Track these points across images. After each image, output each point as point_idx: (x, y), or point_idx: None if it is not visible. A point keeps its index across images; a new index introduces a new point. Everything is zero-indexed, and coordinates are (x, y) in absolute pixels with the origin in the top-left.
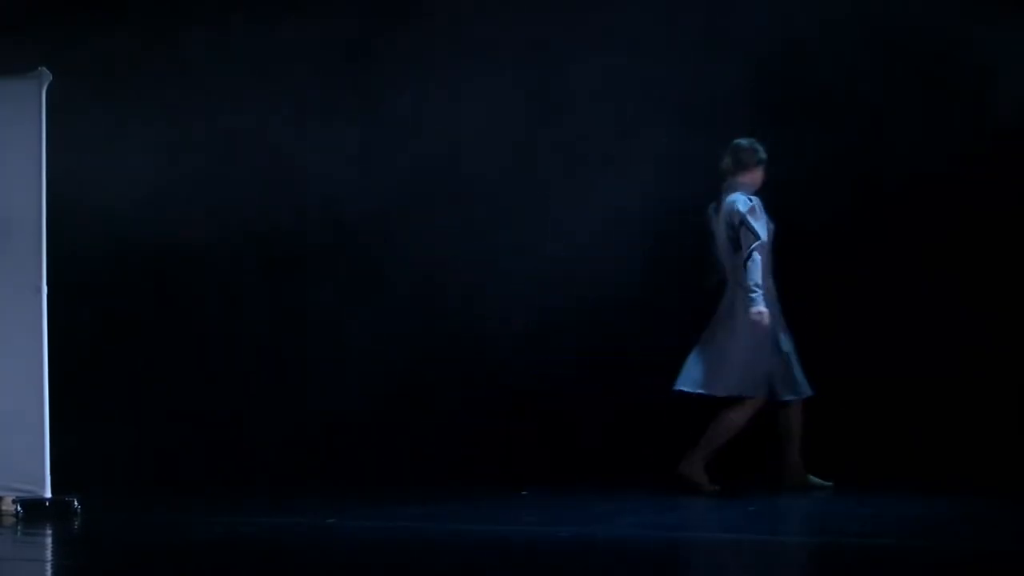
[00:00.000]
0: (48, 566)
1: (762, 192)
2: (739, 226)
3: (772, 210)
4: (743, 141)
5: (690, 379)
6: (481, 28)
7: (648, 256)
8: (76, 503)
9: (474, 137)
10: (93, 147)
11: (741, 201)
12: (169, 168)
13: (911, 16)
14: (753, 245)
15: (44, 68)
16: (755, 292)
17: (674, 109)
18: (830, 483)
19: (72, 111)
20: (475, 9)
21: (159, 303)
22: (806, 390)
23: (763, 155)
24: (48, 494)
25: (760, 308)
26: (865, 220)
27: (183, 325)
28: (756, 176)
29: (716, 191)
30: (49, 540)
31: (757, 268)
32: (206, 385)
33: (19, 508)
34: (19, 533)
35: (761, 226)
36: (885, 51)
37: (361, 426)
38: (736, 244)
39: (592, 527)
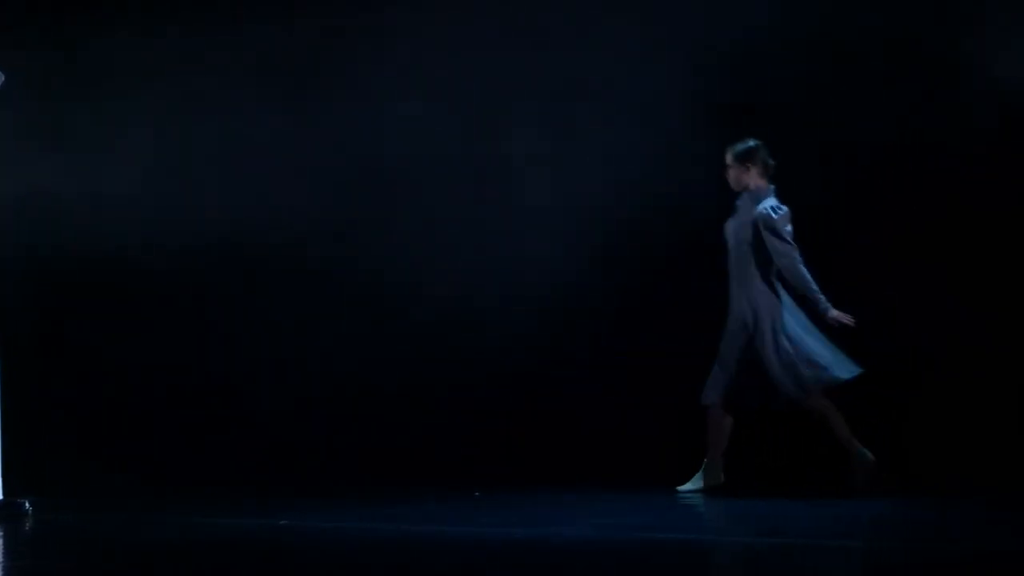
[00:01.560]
0: None
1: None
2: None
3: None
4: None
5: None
6: (436, 33)
7: (622, 256)
8: (27, 505)
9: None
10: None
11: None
12: (119, 173)
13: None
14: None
15: None
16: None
17: (630, 109)
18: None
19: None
20: (434, 9)
21: (115, 303)
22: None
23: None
24: None
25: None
26: (824, 219)
27: (142, 325)
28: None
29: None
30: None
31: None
32: (167, 386)
33: None
34: None
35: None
36: (836, 50)
37: (335, 427)
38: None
39: (549, 528)
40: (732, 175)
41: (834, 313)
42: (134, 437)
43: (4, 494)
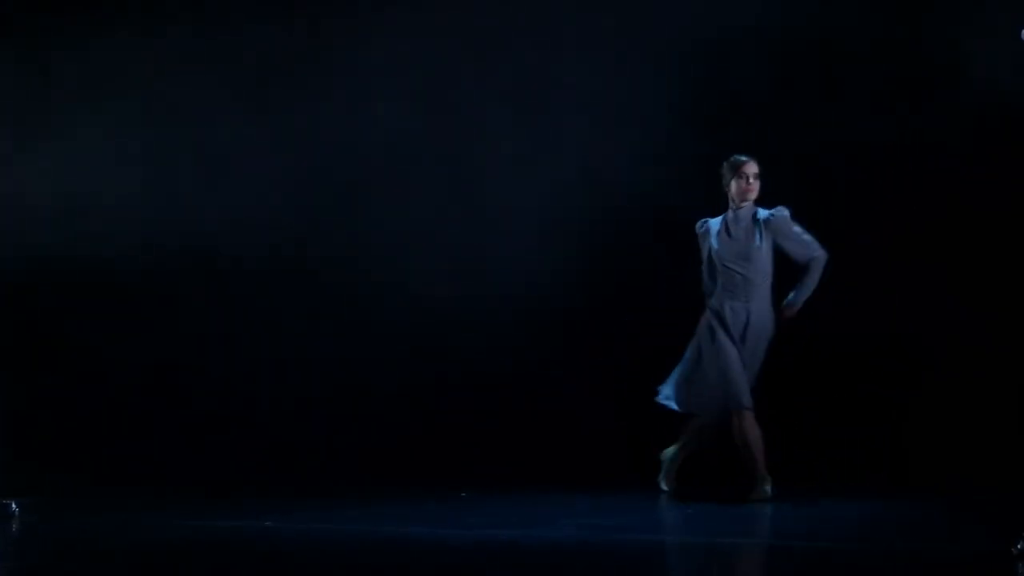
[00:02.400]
0: None
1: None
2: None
3: (697, 214)
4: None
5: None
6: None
7: (601, 255)
8: (14, 506)
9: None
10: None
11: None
12: (84, 175)
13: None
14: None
15: None
16: None
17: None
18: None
19: None
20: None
21: (111, 303)
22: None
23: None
24: None
25: None
26: (824, 219)
27: (142, 325)
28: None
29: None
30: None
31: None
32: (146, 388)
33: None
34: None
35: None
36: (829, 49)
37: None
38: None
39: (531, 529)
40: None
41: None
42: (134, 437)
43: None
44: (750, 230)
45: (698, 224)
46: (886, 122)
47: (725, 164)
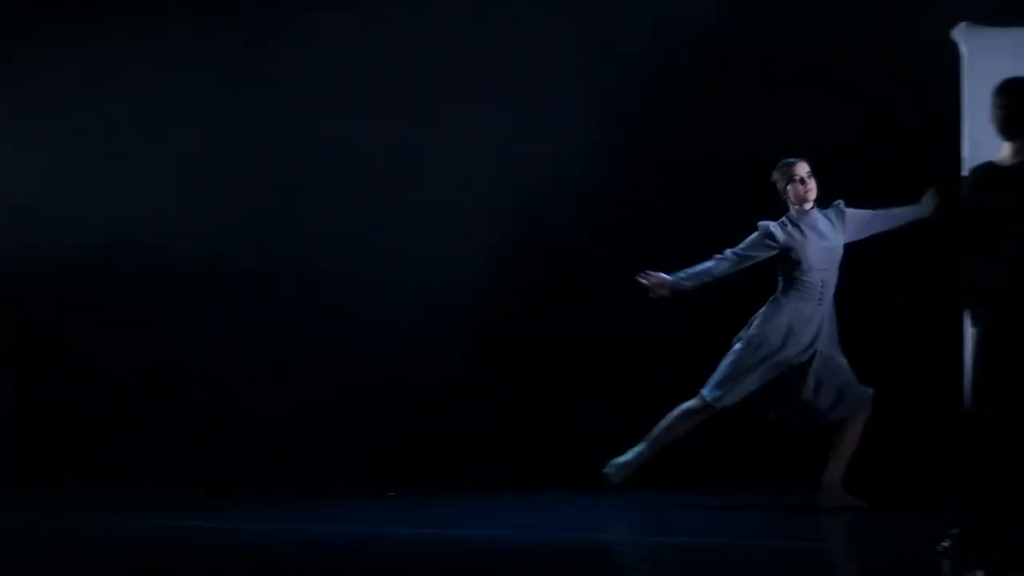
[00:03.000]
0: None
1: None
2: None
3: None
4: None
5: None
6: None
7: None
8: None
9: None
10: None
11: None
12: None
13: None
14: None
15: None
16: None
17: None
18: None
19: None
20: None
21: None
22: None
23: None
24: None
25: None
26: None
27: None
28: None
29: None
30: None
31: None
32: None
33: None
34: None
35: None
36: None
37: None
38: None
39: (462, 528)
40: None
41: None
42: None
43: None
44: (831, 230)
45: (767, 228)
46: (819, 118)
47: (775, 171)
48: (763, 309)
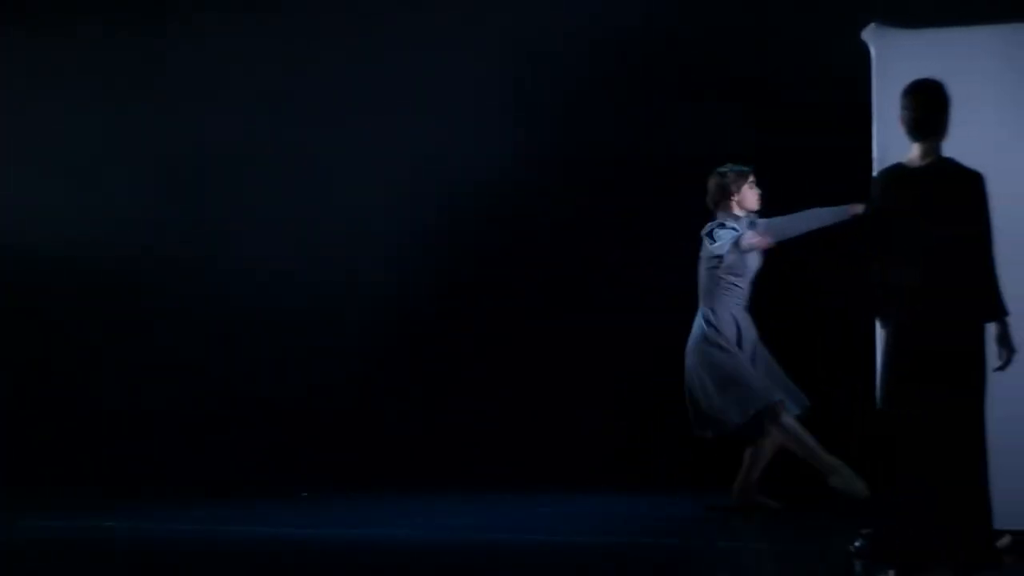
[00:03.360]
0: None
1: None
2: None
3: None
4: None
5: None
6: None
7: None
8: None
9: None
10: None
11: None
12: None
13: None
14: None
15: None
16: None
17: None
18: None
19: None
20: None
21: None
22: None
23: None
24: None
25: None
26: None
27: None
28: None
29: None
30: None
31: None
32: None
33: None
34: None
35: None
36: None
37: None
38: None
39: (378, 528)
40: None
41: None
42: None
43: None
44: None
45: (742, 229)
46: (726, 119)
47: (728, 175)
48: (709, 319)
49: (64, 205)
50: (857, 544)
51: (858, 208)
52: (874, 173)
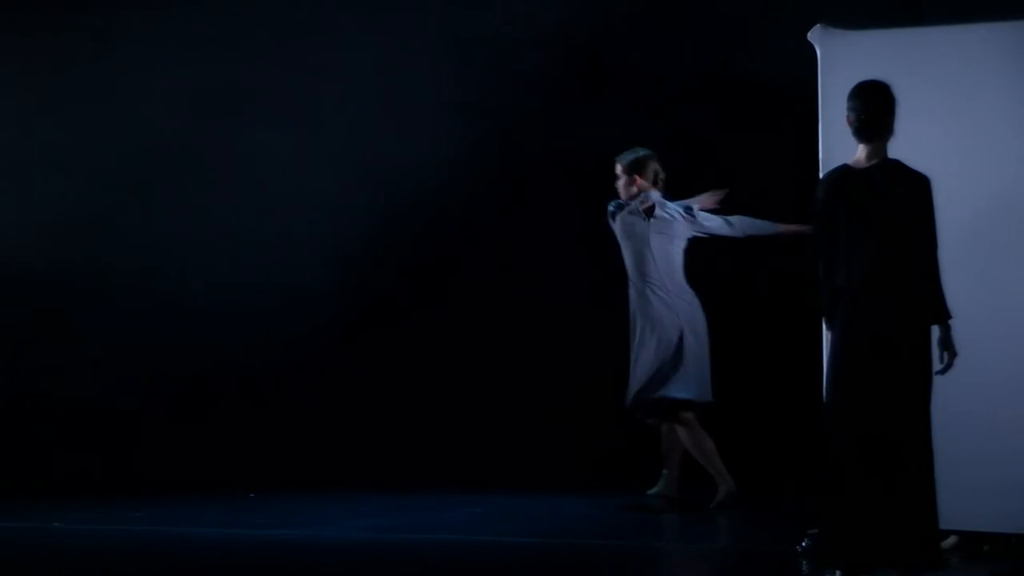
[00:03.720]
0: None
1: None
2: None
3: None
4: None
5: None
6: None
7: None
8: None
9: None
10: None
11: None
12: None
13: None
14: None
15: None
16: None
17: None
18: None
19: None
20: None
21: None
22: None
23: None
24: None
25: None
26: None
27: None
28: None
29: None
30: None
31: None
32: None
33: None
34: None
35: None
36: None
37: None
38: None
39: (320, 528)
40: (621, 185)
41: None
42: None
43: None
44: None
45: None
46: (663, 119)
47: (643, 158)
48: (653, 308)
49: None
50: (803, 544)
51: (802, 228)
52: (820, 174)
